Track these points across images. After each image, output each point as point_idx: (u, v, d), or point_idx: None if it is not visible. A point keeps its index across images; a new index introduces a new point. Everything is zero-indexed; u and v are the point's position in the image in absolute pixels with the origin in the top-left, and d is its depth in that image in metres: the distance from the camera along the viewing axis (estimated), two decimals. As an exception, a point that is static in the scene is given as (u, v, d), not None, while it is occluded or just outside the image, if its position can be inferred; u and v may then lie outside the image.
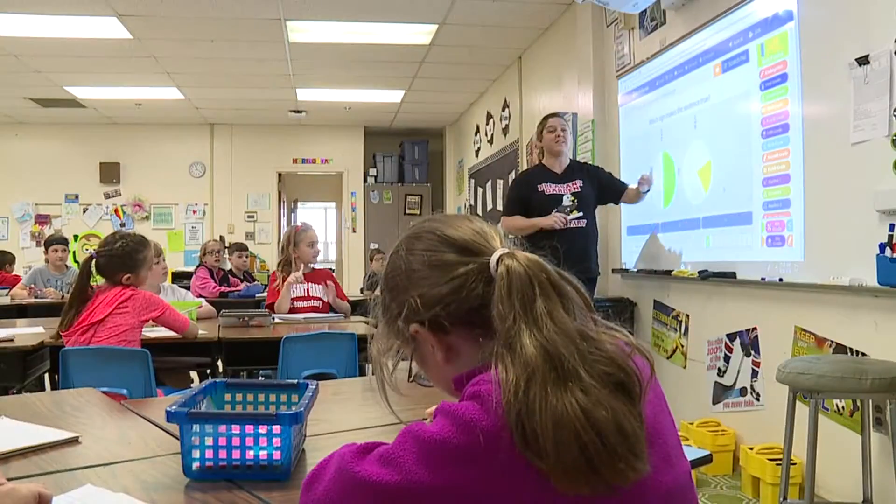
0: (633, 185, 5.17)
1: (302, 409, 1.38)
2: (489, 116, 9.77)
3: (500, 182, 9.09)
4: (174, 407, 1.36)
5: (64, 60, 8.31)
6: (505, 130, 9.08)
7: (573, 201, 4.93)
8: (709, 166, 4.63)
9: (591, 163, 5.70)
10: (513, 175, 8.57)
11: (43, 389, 4.30)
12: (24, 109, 10.69)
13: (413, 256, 1.17)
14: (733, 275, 4.32)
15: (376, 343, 1.21)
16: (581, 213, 4.92)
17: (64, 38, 7.49)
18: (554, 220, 4.80)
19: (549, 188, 4.98)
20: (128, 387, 3.26)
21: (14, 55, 8.06)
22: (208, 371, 4.31)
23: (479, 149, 10.33)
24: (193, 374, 4.69)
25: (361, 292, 9.07)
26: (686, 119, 4.87)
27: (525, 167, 8.12)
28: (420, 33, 7.50)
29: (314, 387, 1.56)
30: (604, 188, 5.13)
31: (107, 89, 9.64)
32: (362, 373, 3.90)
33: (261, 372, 4.36)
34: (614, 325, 1.12)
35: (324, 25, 7.26)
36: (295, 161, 12.18)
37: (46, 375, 4.18)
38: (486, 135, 9.91)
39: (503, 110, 9.10)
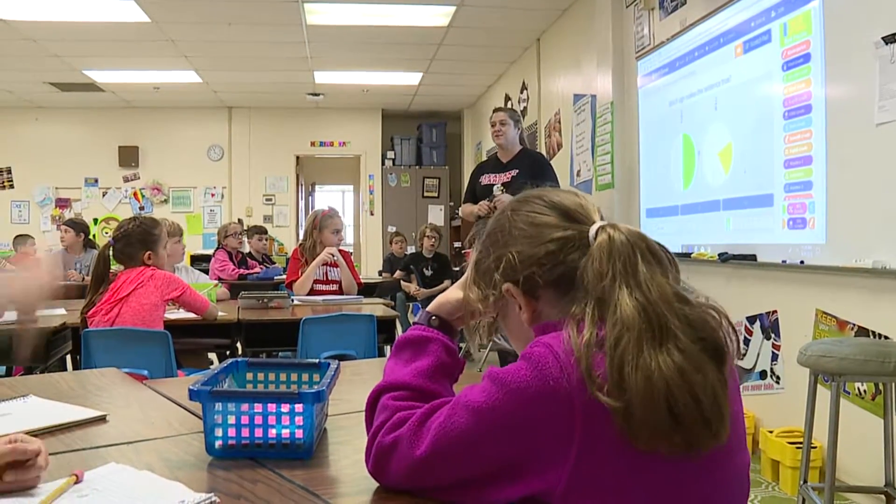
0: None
1: (324, 387, 1.39)
2: (507, 99, 9.73)
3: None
4: (197, 385, 1.36)
5: (82, 44, 8.33)
6: (523, 112, 9.03)
7: (502, 191, 5.26)
8: (729, 148, 4.59)
9: (537, 153, 6.15)
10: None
11: (65, 370, 4.33)
12: (44, 94, 10.74)
13: (518, 216, 1.23)
14: (754, 257, 4.29)
15: (471, 291, 1.27)
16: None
17: (82, 22, 7.50)
18: (479, 208, 5.23)
19: (486, 178, 5.42)
20: (149, 368, 3.29)
21: (33, 39, 8.09)
22: (227, 352, 4.34)
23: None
24: (212, 356, 4.72)
25: (379, 275, 9.08)
26: (707, 100, 4.83)
27: (543, 150, 8.10)
28: (438, 15, 7.47)
29: (336, 366, 1.57)
30: (535, 184, 5.21)
31: (125, 73, 9.67)
32: (381, 354, 3.91)
33: (279, 353, 4.38)
34: (705, 297, 1.17)
35: (341, 7, 7.24)
36: (313, 144, 12.19)
37: (68, 356, 4.21)
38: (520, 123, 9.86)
39: (521, 93, 9.06)
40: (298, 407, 1.35)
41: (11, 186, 11.70)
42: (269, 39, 8.23)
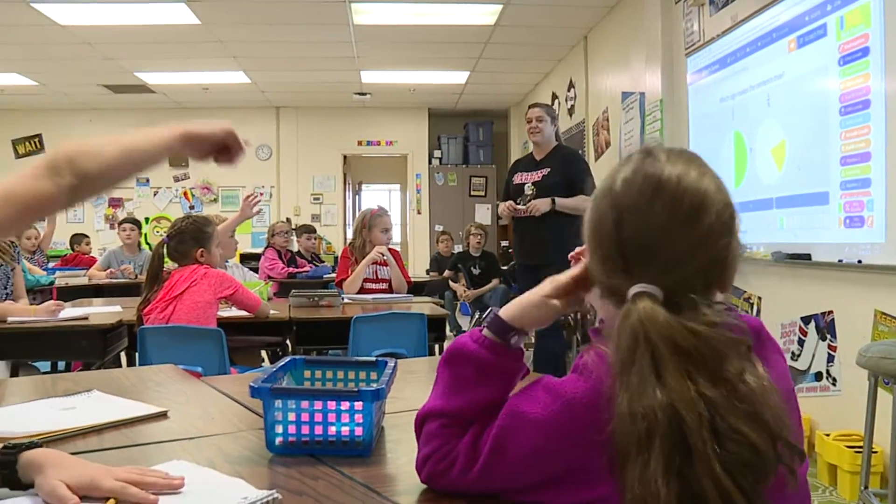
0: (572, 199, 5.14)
1: (383, 385, 1.39)
2: (554, 97, 9.69)
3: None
4: (258, 383, 1.37)
5: (135, 47, 8.48)
6: (570, 111, 8.99)
7: (532, 190, 5.13)
8: (783, 145, 4.51)
9: (571, 150, 5.78)
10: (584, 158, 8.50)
11: (120, 366, 4.41)
12: (97, 96, 10.96)
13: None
14: (808, 256, 4.21)
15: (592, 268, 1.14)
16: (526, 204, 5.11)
17: (135, 26, 7.63)
18: (502, 208, 5.16)
19: (518, 177, 5.27)
20: (202, 365, 3.33)
21: (88, 43, 8.25)
22: (279, 350, 4.37)
23: (544, 130, 10.23)
24: (262, 354, 4.76)
25: (427, 274, 9.10)
26: (759, 97, 4.75)
27: (591, 148, 8.05)
28: (485, 14, 7.46)
29: (393, 364, 1.57)
30: (568, 182, 5.14)
31: (175, 75, 9.81)
32: (431, 353, 3.91)
33: (329, 351, 4.40)
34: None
35: (388, 7, 7.27)
36: (360, 143, 12.26)
37: (123, 352, 4.29)
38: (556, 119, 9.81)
39: (569, 90, 9.01)
40: (358, 405, 1.36)
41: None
42: (316, 39, 8.29)
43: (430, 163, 12.35)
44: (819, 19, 4.12)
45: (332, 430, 1.38)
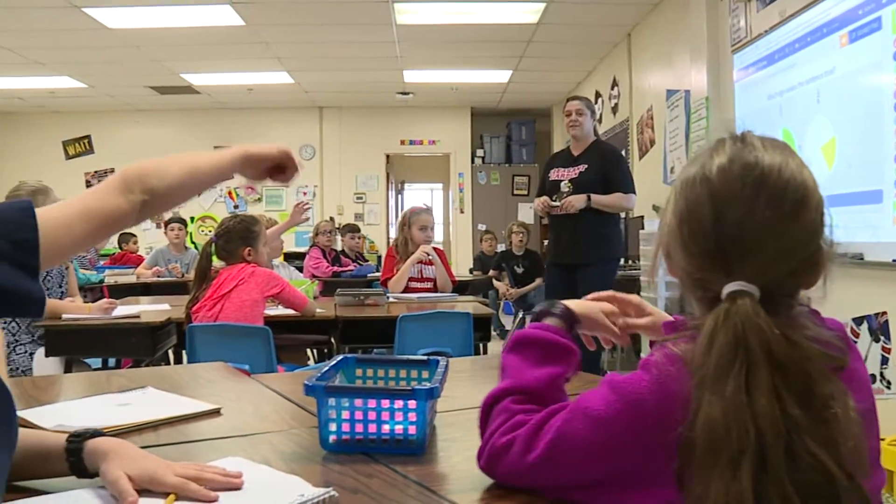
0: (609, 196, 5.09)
1: (437, 384, 1.39)
2: (598, 95, 9.63)
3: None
4: (312, 381, 1.38)
5: (180, 49, 8.59)
6: (614, 109, 8.93)
7: (569, 187, 5.03)
8: (833, 143, 4.43)
9: (609, 146, 5.73)
10: (623, 155, 8.43)
11: (168, 363, 4.47)
12: (144, 97, 11.13)
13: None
14: (860, 256, 4.13)
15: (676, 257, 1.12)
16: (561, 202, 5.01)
17: (180, 28, 7.74)
18: (536, 205, 5.08)
19: (555, 173, 5.16)
20: (250, 363, 3.35)
21: (136, 46, 8.39)
22: (325, 349, 4.40)
23: (587, 128, 10.18)
24: (307, 352, 4.80)
25: (470, 273, 9.10)
26: (808, 93, 4.67)
27: (635, 147, 7.99)
28: (527, 12, 7.44)
29: (445, 363, 1.57)
30: (605, 179, 5.08)
31: (220, 76, 9.93)
32: (477, 352, 3.91)
33: (374, 350, 4.42)
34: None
35: (431, 6, 7.29)
36: (402, 142, 12.30)
37: (171, 349, 4.35)
38: (595, 114, 9.75)
39: (612, 89, 8.95)
40: (412, 403, 1.36)
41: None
42: (359, 39, 8.33)
43: (472, 162, 12.34)
44: (873, 12, 4.04)
45: (386, 428, 1.38)
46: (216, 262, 3.70)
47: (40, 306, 0.95)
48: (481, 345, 4.10)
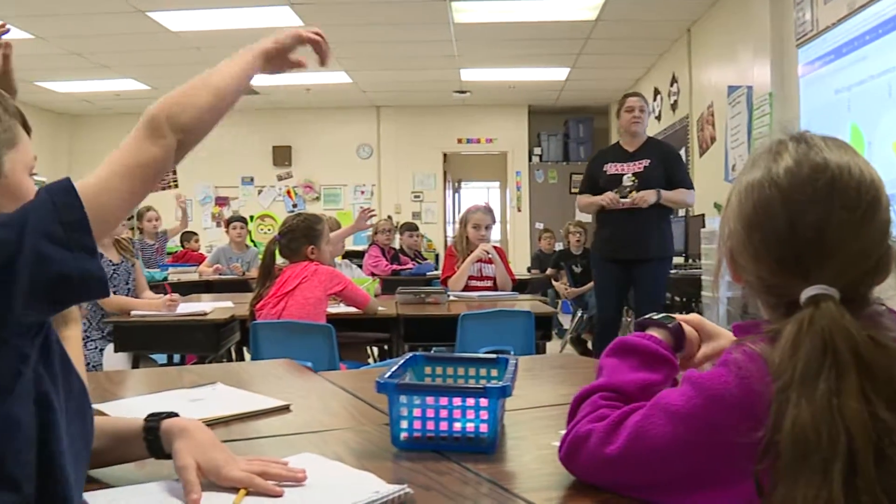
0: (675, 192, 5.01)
1: (509, 383, 1.38)
2: (656, 92, 9.52)
3: (671, 159, 8.84)
4: (383, 378, 1.39)
5: (239, 50, 8.69)
6: (674, 106, 8.82)
7: (633, 181, 4.92)
8: (905, 138, 4.32)
9: (667, 144, 5.64)
10: (682, 152, 8.33)
11: (232, 359, 4.54)
12: (205, 97, 11.29)
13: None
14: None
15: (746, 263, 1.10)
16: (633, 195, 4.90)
17: (240, 29, 7.84)
18: (604, 199, 4.88)
19: (612, 168, 5.03)
20: (313, 360, 3.38)
21: (196, 48, 8.53)
22: (385, 346, 4.43)
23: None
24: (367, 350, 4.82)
25: (528, 271, 9.07)
26: (879, 87, 4.55)
27: (695, 144, 7.89)
28: (585, 8, 7.38)
29: (515, 362, 1.56)
30: (667, 174, 5.02)
31: (278, 76, 9.98)
32: (538, 351, 3.90)
33: (434, 348, 4.43)
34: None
35: (488, 4, 7.27)
36: (459, 141, 12.31)
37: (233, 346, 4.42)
38: (654, 111, 9.65)
39: (671, 85, 8.84)
40: (483, 401, 1.35)
41: (176, 186, 12.34)
42: (417, 39, 8.35)
43: (529, 160, 12.30)
44: (947, 4, 3.93)
45: (457, 426, 1.38)
46: (279, 260, 3.74)
47: (103, 285, 0.94)
48: (544, 343, 4.08)
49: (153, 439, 1.22)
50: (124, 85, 10.32)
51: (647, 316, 1.29)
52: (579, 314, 7.59)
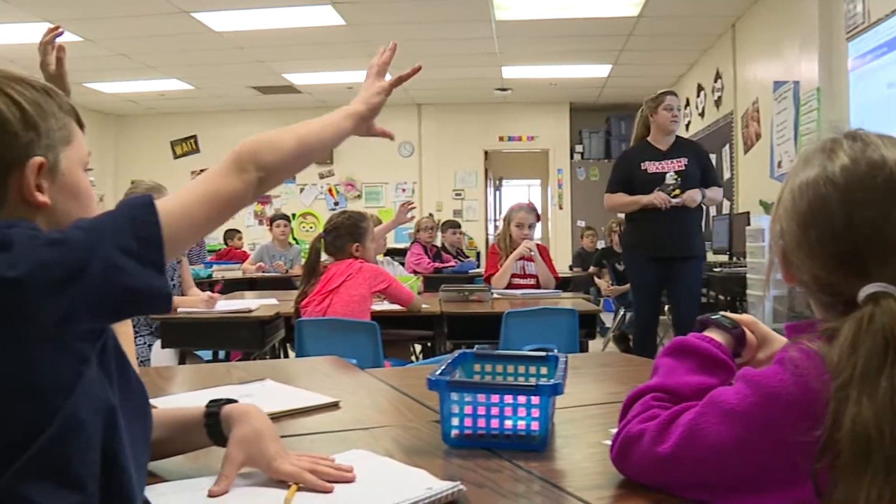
0: (711, 189, 5.02)
1: (560, 381, 1.38)
2: (700, 88, 9.42)
3: (713, 157, 8.71)
4: (434, 375, 1.39)
5: (282, 49, 8.79)
6: (717, 103, 8.72)
7: (676, 179, 4.88)
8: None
9: (696, 142, 5.63)
10: (726, 149, 8.24)
11: (276, 356, 4.58)
12: (247, 97, 11.44)
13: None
14: None
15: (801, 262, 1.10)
16: (682, 193, 4.86)
17: (283, 29, 7.92)
18: (658, 199, 4.79)
19: (652, 166, 4.96)
20: (357, 357, 3.39)
21: (239, 47, 8.62)
22: (429, 344, 4.43)
23: (689, 122, 9.99)
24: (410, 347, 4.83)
25: (570, 269, 9.03)
26: (933, 82, 4.46)
27: (740, 141, 7.79)
28: (628, 4, 7.33)
29: (565, 360, 1.55)
30: (703, 172, 5.02)
31: (321, 75, 10.11)
32: (583, 349, 3.88)
33: (477, 346, 4.43)
34: None
35: (530, 1, 7.24)
36: (501, 139, 12.29)
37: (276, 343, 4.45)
38: (697, 108, 9.56)
39: (715, 81, 8.74)
40: (535, 399, 1.35)
41: (219, 184, 12.53)
42: (458, 36, 8.35)
43: (571, 157, 12.24)
44: None
45: (508, 423, 1.38)
46: (324, 257, 3.77)
47: (167, 302, 0.96)
48: (588, 342, 4.06)
49: (214, 424, 1.24)
50: (168, 85, 10.48)
51: (707, 315, 1.28)
52: (621, 312, 7.55)
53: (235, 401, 1.28)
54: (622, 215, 10.28)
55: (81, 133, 1.11)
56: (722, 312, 1.29)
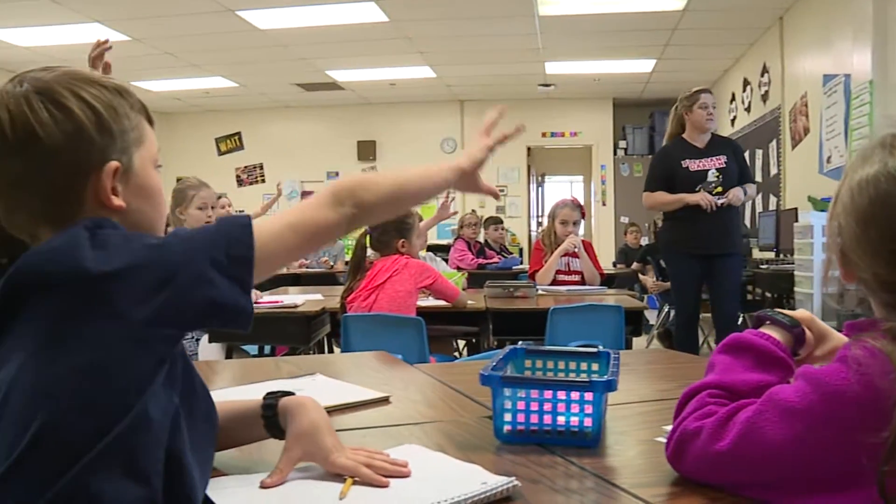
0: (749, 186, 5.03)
1: (614, 377, 1.37)
2: (746, 83, 9.30)
3: (759, 152, 8.63)
4: (487, 371, 1.39)
5: (326, 46, 8.85)
6: (764, 97, 8.60)
7: (718, 177, 4.87)
8: None
9: (730, 138, 5.66)
10: (773, 145, 8.12)
11: (322, 352, 4.61)
12: (291, 94, 11.54)
13: None
14: None
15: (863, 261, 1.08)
16: (724, 192, 4.85)
17: (326, 26, 7.97)
18: (704, 200, 4.75)
19: (693, 164, 4.93)
20: (402, 352, 3.40)
21: (283, 45, 8.70)
22: (473, 340, 4.43)
23: (734, 118, 9.87)
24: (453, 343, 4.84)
25: (614, 266, 8.98)
26: None
27: (787, 136, 7.67)
28: (674, -2, 7.26)
29: (617, 356, 1.54)
30: (740, 169, 5.01)
31: (364, 71, 10.16)
32: (628, 346, 3.85)
33: (521, 342, 4.41)
34: None
35: (575, -3, 7.22)
36: (544, 135, 12.24)
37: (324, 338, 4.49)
38: (743, 102, 9.44)
39: (762, 76, 8.62)
40: (588, 395, 1.34)
41: (263, 181, 12.68)
42: (501, 32, 8.34)
43: (614, 153, 12.17)
44: None
45: (561, 419, 1.37)
46: (369, 253, 3.79)
47: (248, 320, 0.98)
48: (633, 339, 4.03)
49: (271, 415, 1.25)
50: (213, 83, 10.61)
51: (764, 311, 1.26)
52: (666, 309, 7.48)
53: (292, 393, 1.29)
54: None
55: (152, 130, 1.12)
56: (778, 309, 1.27)
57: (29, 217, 1.01)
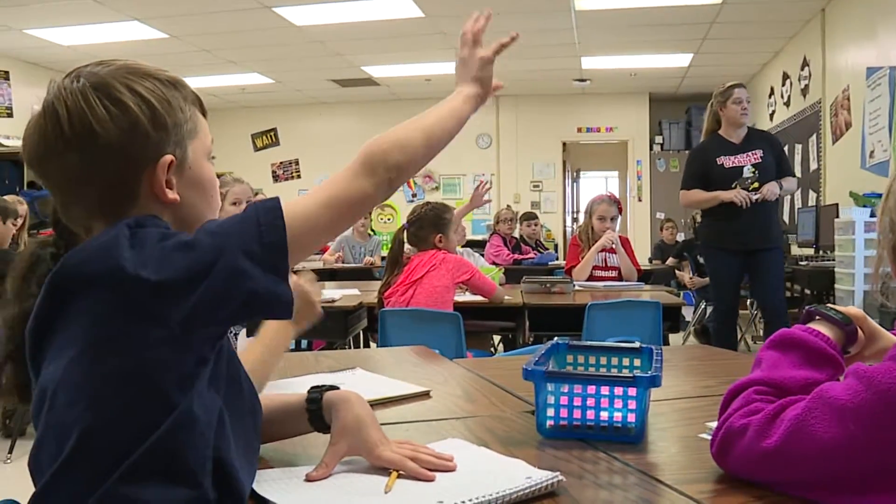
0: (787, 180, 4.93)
1: (658, 373, 1.36)
2: (785, 77, 9.18)
3: (799, 147, 8.52)
4: (530, 366, 1.38)
5: (361, 43, 8.88)
6: (804, 91, 8.48)
7: (754, 172, 4.79)
8: None
9: (767, 132, 5.58)
10: (813, 139, 8.01)
11: (359, 346, 4.63)
12: (326, 90, 11.59)
13: None
14: None
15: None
16: (760, 188, 4.76)
17: (361, 22, 7.99)
18: (738, 197, 4.68)
19: (728, 160, 4.86)
20: (440, 347, 3.41)
21: (320, 41, 8.74)
22: (510, 336, 4.43)
23: (773, 112, 9.74)
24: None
25: (650, 262, 8.92)
26: None
27: (828, 130, 7.57)
28: (711, -8, 7.18)
29: (660, 352, 1.54)
30: (777, 163, 4.91)
31: (399, 67, 10.17)
32: (666, 342, 3.83)
33: (557, 338, 4.40)
34: None
35: (610, -9, 7.17)
36: (579, 130, 12.19)
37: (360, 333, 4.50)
38: (783, 97, 9.31)
39: (802, 69, 8.49)
40: (632, 391, 1.34)
41: (298, 177, 12.77)
42: (537, 27, 8.29)
43: (651, 149, 12.07)
44: None
45: (604, 415, 1.37)
46: (407, 248, 3.80)
47: (288, 308, 0.96)
48: (670, 335, 4.01)
49: (315, 409, 1.25)
50: (249, 79, 10.68)
51: (815, 306, 1.24)
52: (703, 305, 7.43)
53: (337, 387, 1.29)
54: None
55: (205, 122, 1.13)
56: (830, 305, 1.25)
57: (84, 211, 1.02)
